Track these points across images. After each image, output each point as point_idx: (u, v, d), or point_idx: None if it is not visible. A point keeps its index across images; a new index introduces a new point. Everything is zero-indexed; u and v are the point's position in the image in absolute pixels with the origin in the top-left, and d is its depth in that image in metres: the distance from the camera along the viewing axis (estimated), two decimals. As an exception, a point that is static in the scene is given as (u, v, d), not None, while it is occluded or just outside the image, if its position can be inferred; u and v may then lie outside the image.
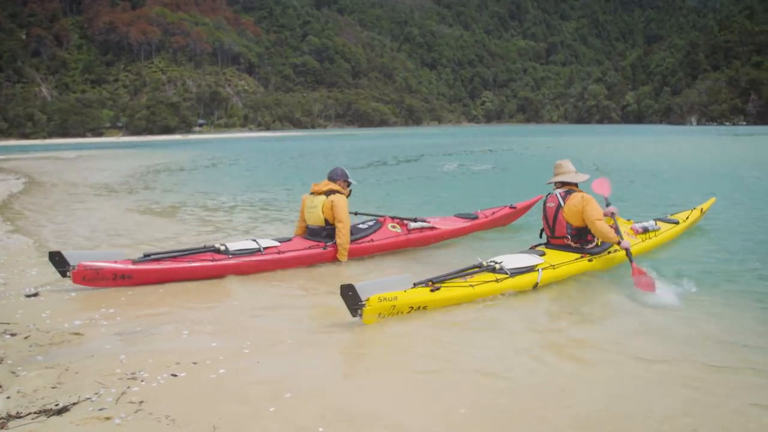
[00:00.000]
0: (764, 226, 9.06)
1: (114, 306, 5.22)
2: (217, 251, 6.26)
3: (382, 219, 7.60)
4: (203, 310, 5.21)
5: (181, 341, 4.38)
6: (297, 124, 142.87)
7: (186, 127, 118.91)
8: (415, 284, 5.02)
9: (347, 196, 6.94)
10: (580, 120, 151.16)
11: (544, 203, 6.30)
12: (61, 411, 3.19)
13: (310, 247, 6.70)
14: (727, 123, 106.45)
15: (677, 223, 7.70)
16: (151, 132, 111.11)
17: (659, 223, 7.46)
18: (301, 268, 6.55)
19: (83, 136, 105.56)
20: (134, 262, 5.84)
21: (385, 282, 4.87)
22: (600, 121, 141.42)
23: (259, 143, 60.23)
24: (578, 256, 6.00)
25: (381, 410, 3.27)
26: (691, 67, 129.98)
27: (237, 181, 18.91)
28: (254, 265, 6.32)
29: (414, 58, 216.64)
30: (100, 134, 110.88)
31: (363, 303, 4.60)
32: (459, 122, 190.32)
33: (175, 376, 3.69)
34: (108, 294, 5.58)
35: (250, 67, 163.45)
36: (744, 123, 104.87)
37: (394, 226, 7.45)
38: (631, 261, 5.88)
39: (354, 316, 4.65)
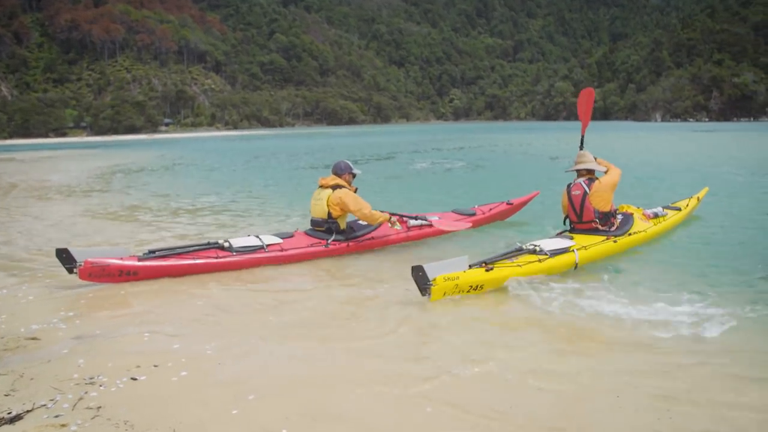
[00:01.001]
0: (752, 216, 9.39)
1: (74, 309, 5.09)
2: (221, 248, 6.41)
3: None
4: (166, 311, 5.10)
5: (143, 344, 4.29)
6: (265, 123, 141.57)
7: (152, 126, 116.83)
8: (470, 266, 5.41)
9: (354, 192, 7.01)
10: (548, 117, 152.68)
11: (569, 192, 6.72)
12: (14, 419, 3.09)
13: (312, 244, 6.80)
14: (691, 119, 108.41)
15: (680, 209, 8.41)
16: (116, 132, 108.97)
17: (665, 210, 8.07)
18: (284, 266, 6.53)
19: (46, 136, 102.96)
20: (140, 258, 5.98)
21: (446, 263, 5.26)
22: (567, 118, 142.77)
23: (226, 143, 59.55)
24: (604, 238, 6.47)
25: (345, 410, 3.24)
26: (655, 65, 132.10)
27: (199, 182, 18.45)
28: (257, 262, 6.42)
29: (382, 55, 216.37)
30: (64, 134, 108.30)
31: (431, 282, 5.01)
32: (427, 120, 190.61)
33: (135, 379, 3.61)
34: (67, 297, 5.46)
35: (217, 65, 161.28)
36: (707, 119, 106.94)
37: (394, 223, 7.49)
38: None
39: (423, 294, 5.08)
